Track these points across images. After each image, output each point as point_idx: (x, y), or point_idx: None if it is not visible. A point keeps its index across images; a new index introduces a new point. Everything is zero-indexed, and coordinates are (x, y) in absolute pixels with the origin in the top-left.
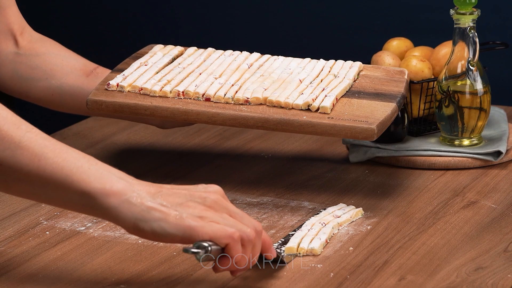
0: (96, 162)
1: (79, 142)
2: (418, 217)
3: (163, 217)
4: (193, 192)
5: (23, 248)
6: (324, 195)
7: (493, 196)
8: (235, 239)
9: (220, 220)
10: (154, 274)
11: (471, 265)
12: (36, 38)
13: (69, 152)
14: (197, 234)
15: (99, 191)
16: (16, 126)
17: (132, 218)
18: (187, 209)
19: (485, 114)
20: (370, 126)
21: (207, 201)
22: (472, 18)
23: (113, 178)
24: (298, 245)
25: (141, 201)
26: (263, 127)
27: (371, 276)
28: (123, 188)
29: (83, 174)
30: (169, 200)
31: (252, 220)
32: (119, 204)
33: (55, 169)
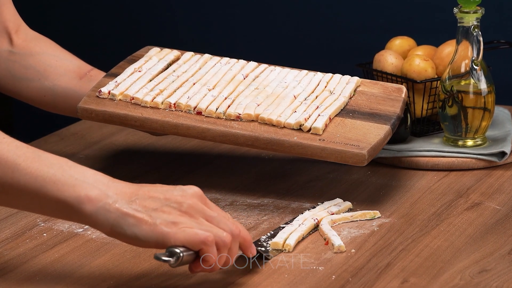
0: (69, 166)
1: (77, 143)
2: (421, 219)
3: (136, 223)
4: (170, 196)
5: (20, 250)
6: (325, 196)
7: (497, 197)
8: (208, 244)
9: (194, 225)
10: (153, 277)
11: (475, 268)
12: (31, 37)
13: (41, 160)
14: (170, 241)
15: (73, 200)
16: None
17: (108, 224)
18: (162, 215)
19: (489, 114)
20: (361, 152)
21: (183, 206)
22: (476, 16)
23: (87, 185)
24: (284, 240)
25: (116, 206)
26: (253, 146)
27: (374, 278)
28: (98, 195)
29: (57, 183)
30: (144, 205)
31: (230, 222)
32: (95, 211)
33: (29, 179)
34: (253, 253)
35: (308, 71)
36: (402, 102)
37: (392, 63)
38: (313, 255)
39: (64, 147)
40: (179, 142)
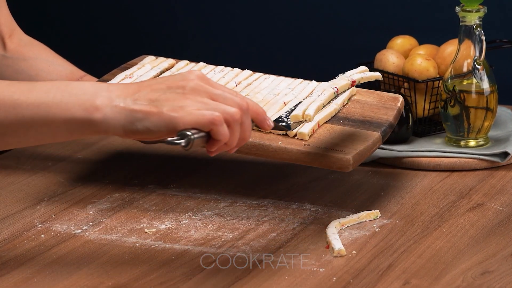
0: (66, 85)
1: (75, 143)
2: (423, 220)
3: (145, 116)
4: (171, 83)
5: (18, 251)
6: (326, 197)
7: (500, 198)
8: (216, 123)
9: (201, 106)
10: (152, 278)
11: (478, 269)
12: (25, 42)
13: (37, 89)
14: (179, 125)
15: (82, 114)
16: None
17: (120, 126)
18: (167, 102)
19: (491, 114)
20: (345, 157)
21: (186, 89)
22: (478, 15)
23: (90, 96)
24: (303, 111)
25: (122, 106)
26: (237, 151)
27: (375, 280)
28: (103, 101)
29: (61, 105)
30: (148, 97)
31: (237, 97)
32: (104, 117)
33: (33, 110)
34: (270, 125)
35: (302, 80)
36: (396, 110)
37: (394, 62)
38: (314, 257)
39: (62, 148)
40: None
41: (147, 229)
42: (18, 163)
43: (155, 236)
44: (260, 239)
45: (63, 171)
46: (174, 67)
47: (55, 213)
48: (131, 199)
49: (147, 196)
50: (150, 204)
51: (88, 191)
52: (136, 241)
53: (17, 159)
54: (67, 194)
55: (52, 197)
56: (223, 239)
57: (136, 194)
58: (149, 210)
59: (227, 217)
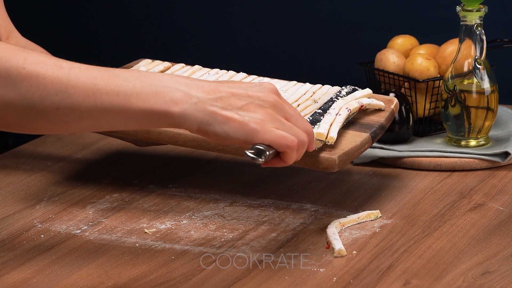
0: (145, 76)
1: (74, 143)
2: (423, 220)
3: (225, 121)
4: (252, 93)
5: (17, 251)
6: (326, 197)
7: (500, 198)
8: (293, 148)
9: (279, 126)
10: (152, 279)
11: (478, 269)
12: (22, 44)
13: (117, 76)
14: (258, 138)
15: (160, 107)
16: (58, 66)
17: (196, 123)
18: (249, 113)
19: (492, 113)
20: (331, 157)
21: (266, 103)
22: (479, 15)
23: (169, 89)
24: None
25: (203, 106)
26: (224, 151)
27: (375, 280)
28: (182, 97)
29: (140, 95)
30: (230, 103)
31: (305, 121)
32: (182, 112)
33: (112, 97)
34: (312, 147)
35: (297, 82)
36: (389, 112)
37: (394, 62)
38: (314, 257)
39: (62, 148)
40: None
41: (147, 229)
42: (17, 163)
43: (155, 236)
44: (260, 239)
45: (63, 171)
46: (169, 69)
47: (55, 213)
48: (131, 199)
49: (146, 196)
50: (150, 204)
51: (87, 191)
52: (136, 241)
53: (17, 159)
54: (67, 194)
55: (52, 197)
56: (223, 239)
57: (135, 194)
58: (149, 210)
59: (227, 217)
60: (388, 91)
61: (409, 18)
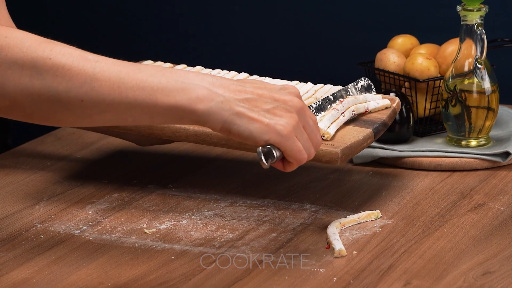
0: (171, 72)
1: (74, 142)
2: (424, 220)
3: (251, 122)
4: (278, 97)
5: (16, 252)
6: (327, 197)
7: (501, 198)
8: (300, 163)
9: (299, 135)
10: (152, 279)
11: (479, 270)
12: None
13: (143, 71)
14: (281, 142)
15: (185, 102)
16: (84, 58)
17: (221, 121)
18: (275, 117)
19: (493, 113)
20: (334, 150)
21: (292, 108)
22: (479, 14)
23: (195, 86)
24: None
25: (230, 105)
26: (227, 145)
27: (376, 281)
28: (208, 94)
29: (165, 90)
30: (256, 104)
31: (318, 134)
32: (207, 110)
33: (137, 91)
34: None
35: (298, 82)
36: (391, 111)
37: (394, 62)
38: (314, 257)
39: (61, 147)
40: (177, 142)
41: (147, 229)
42: (17, 162)
43: (154, 237)
44: (260, 240)
45: (62, 171)
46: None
47: (54, 213)
48: (131, 199)
49: (146, 196)
50: (150, 204)
51: (87, 191)
52: (136, 242)
53: (16, 159)
54: (66, 194)
55: (51, 197)
56: (223, 239)
57: (135, 194)
58: (148, 210)
59: (227, 217)
60: (389, 91)
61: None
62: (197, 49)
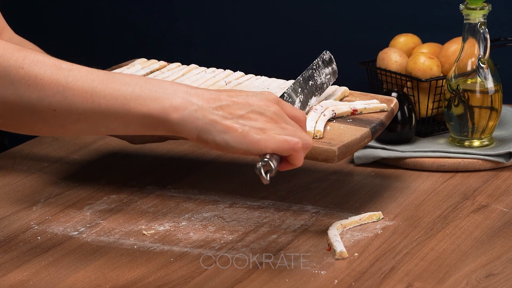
0: (145, 81)
1: (72, 143)
2: (426, 222)
3: (226, 130)
4: (253, 102)
5: (14, 254)
6: (328, 199)
7: (504, 199)
8: (298, 150)
9: (281, 131)
10: (150, 281)
11: (482, 272)
12: (15, 41)
13: (117, 80)
14: (260, 148)
15: (159, 111)
16: (57, 67)
17: (196, 130)
18: (249, 122)
19: (496, 113)
20: (331, 148)
21: (267, 112)
22: (482, 13)
23: (169, 95)
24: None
25: (203, 113)
26: None
27: (377, 283)
28: (182, 103)
29: (139, 99)
30: (230, 111)
31: (305, 133)
32: (181, 119)
33: (109, 101)
34: None
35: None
36: (389, 111)
37: (396, 61)
38: (315, 259)
39: (59, 148)
40: (176, 143)
41: (145, 231)
42: (14, 163)
43: (153, 238)
44: (260, 241)
45: (60, 172)
46: (165, 68)
47: (52, 214)
48: (129, 200)
49: (145, 198)
50: (148, 206)
51: (85, 192)
52: (134, 243)
53: (13, 160)
54: (64, 195)
55: (49, 198)
56: (223, 241)
57: (134, 195)
58: (147, 212)
59: (227, 219)
60: (390, 90)
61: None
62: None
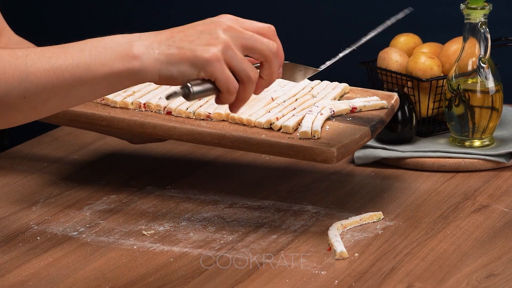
0: (97, 41)
1: (72, 143)
2: (426, 222)
3: (179, 60)
4: (203, 28)
5: (13, 254)
6: (328, 199)
7: (505, 199)
8: (231, 93)
9: (231, 57)
10: (150, 281)
11: (483, 272)
12: (14, 41)
13: (71, 49)
14: (208, 69)
15: (120, 66)
16: (14, 57)
17: (157, 72)
18: (199, 46)
19: (497, 113)
20: (329, 149)
21: (218, 31)
22: (483, 13)
23: (126, 47)
24: (311, 128)
25: (159, 51)
26: (220, 144)
27: (378, 283)
28: (140, 48)
29: (98, 59)
30: (182, 41)
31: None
32: (142, 65)
33: (72, 70)
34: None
35: None
36: (389, 108)
37: (397, 61)
38: (315, 259)
39: (58, 148)
40: (175, 143)
41: (145, 231)
42: (13, 164)
43: (153, 238)
44: (260, 241)
45: (59, 172)
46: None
47: (51, 214)
48: (129, 200)
49: (145, 198)
50: (148, 206)
51: (84, 192)
52: (134, 244)
53: (12, 160)
54: (63, 196)
55: (48, 198)
56: (223, 241)
57: (133, 195)
58: (147, 212)
59: (227, 219)
60: (391, 90)
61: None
62: None
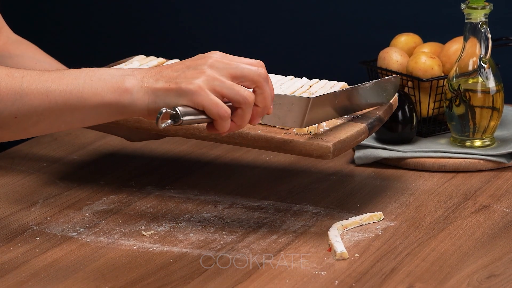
0: (93, 71)
1: (71, 143)
2: (427, 222)
3: (165, 93)
4: (191, 63)
5: (12, 254)
6: (328, 199)
7: (506, 200)
8: (223, 118)
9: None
10: (150, 282)
11: (483, 273)
12: (13, 40)
13: (67, 76)
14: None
15: (111, 98)
16: (10, 77)
17: (145, 105)
18: (186, 79)
19: (497, 113)
20: (325, 144)
21: (204, 65)
22: (484, 12)
23: (119, 80)
24: None
25: (146, 85)
26: (216, 140)
27: (378, 284)
28: (132, 82)
29: (91, 89)
30: (169, 75)
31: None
32: (132, 99)
33: (65, 96)
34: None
35: (293, 77)
36: (388, 106)
37: (397, 60)
38: (316, 260)
39: (58, 148)
40: (175, 143)
41: (145, 232)
42: (12, 164)
43: (152, 239)
44: (260, 242)
45: (59, 172)
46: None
47: (50, 215)
48: (128, 200)
49: (144, 198)
50: (148, 206)
51: (84, 192)
52: (133, 244)
53: (11, 160)
54: (63, 196)
55: (47, 198)
56: (223, 241)
57: (133, 195)
58: (146, 212)
59: (227, 219)
60: None
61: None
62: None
